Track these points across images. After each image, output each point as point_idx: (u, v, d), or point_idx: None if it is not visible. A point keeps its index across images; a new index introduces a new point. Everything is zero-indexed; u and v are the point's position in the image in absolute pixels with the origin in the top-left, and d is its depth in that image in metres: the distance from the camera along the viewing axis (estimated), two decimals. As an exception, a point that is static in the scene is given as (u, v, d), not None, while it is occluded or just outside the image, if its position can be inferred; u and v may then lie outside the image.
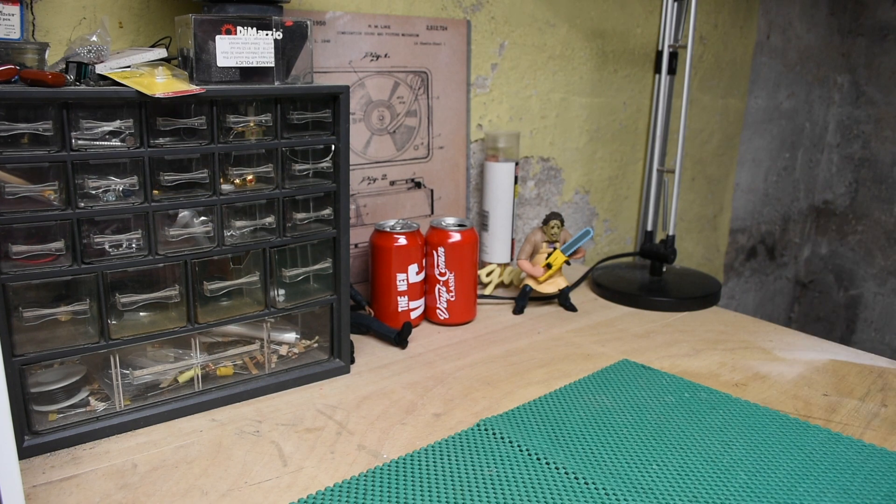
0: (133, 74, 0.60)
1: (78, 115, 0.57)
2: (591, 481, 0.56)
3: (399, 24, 0.96)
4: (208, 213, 0.65)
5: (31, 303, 0.59)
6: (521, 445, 0.61)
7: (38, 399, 0.61)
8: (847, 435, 0.64)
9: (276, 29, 0.66)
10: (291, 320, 0.75)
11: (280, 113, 0.67)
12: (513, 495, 0.54)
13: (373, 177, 0.98)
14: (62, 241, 0.58)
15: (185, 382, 0.67)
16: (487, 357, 0.81)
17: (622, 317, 0.96)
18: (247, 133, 0.66)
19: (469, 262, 0.90)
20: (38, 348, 0.59)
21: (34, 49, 0.62)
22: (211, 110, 0.63)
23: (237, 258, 0.69)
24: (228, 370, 0.70)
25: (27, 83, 0.56)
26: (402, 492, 0.54)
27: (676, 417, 0.66)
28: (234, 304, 0.70)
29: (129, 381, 0.64)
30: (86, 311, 0.60)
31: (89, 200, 0.59)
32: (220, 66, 0.64)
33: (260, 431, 0.64)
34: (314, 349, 0.76)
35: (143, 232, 0.62)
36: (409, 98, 0.99)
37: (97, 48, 0.62)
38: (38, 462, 0.58)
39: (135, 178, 0.61)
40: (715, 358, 0.82)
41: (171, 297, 0.65)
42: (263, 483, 0.56)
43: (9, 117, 0.54)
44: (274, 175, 0.68)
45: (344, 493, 0.54)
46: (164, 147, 0.61)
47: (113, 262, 0.61)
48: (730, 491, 0.55)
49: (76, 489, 0.54)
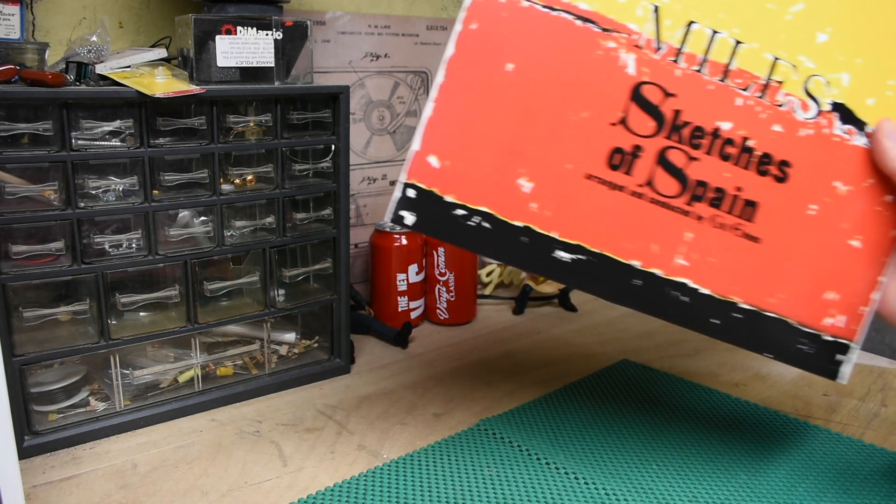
0: (133, 74, 0.60)
1: (78, 115, 0.57)
2: (591, 481, 0.56)
3: (399, 24, 0.96)
4: (208, 213, 0.65)
5: (31, 303, 0.59)
6: (521, 445, 0.61)
7: (38, 399, 0.61)
8: (847, 435, 0.64)
9: (276, 29, 0.66)
10: (291, 320, 0.75)
11: (280, 113, 0.67)
12: (513, 495, 0.54)
13: (373, 177, 0.98)
14: (62, 241, 0.58)
15: (185, 382, 0.67)
16: (487, 357, 0.81)
17: (622, 317, 0.96)
18: (247, 133, 0.66)
19: (469, 262, 0.90)
20: (38, 348, 0.59)
21: (34, 49, 0.62)
22: (211, 110, 0.63)
23: (237, 258, 0.69)
24: (228, 370, 0.70)
25: (27, 83, 0.56)
26: (402, 492, 0.54)
27: (676, 417, 0.66)
28: (234, 304, 0.70)
29: (129, 381, 0.64)
30: (86, 311, 0.60)
31: (89, 200, 0.59)
32: (220, 66, 0.64)
33: (260, 431, 0.64)
34: (314, 349, 0.76)
35: (143, 232, 0.62)
36: (409, 98, 0.99)
37: (97, 48, 0.62)
38: (38, 462, 0.58)
39: (135, 178, 0.61)
40: (715, 358, 0.82)
41: (171, 297, 0.65)
42: (263, 483, 0.56)
43: (9, 117, 0.54)
44: (274, 175, 0.68)
45: (344, 493, 0.54)
46: (164, 147, 0.61)
47: (113, 262, 0.61)
48: (730, 491, 0.55)
49: (76, 489, 0.54)
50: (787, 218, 0.48)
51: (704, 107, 0.47)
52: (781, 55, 0.47)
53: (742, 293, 0.49)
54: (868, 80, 0.48)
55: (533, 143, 0.46)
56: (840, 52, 0.47)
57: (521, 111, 0.46)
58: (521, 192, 0.47)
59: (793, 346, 0.50)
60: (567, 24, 0.46)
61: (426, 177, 0.46)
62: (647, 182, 0.48)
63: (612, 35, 0.46)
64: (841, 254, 0.49)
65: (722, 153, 0.48)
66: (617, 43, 0.46)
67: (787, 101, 0.48)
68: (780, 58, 0.47)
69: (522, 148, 0.46)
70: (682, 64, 0.47)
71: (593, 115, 0.47)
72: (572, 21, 0.46)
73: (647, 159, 0.47)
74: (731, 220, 0.48)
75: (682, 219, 0.48)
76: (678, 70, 0.47)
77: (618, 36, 0.46)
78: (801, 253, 0.49)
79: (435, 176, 0.46)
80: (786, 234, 0.49)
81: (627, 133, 0.47)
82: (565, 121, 0.46)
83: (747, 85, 0.47)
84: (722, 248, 0.49)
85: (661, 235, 0.48)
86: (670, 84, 0.47)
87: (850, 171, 0.48)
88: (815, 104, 0.48)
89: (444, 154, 0.46)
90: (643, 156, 0.47)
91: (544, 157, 0.47)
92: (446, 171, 0.46)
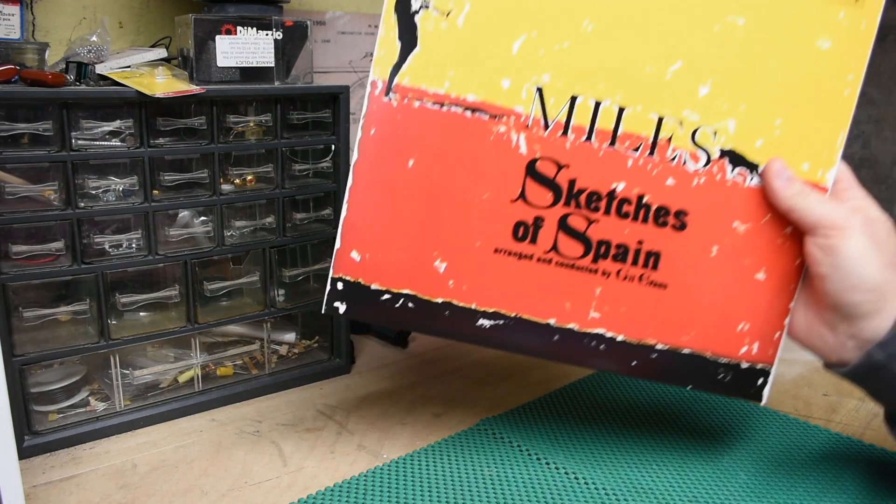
0: (133, 74, 0.60)
1: (78, 115, 0.57)
2: (591, 481, 0.56)
3: (399, 24, 0.96)
4: (208, 213, 0.65)
5: (31, 303, 0.59)
6: (521, 445, 0.61)
7: (38, 399, 0.61)
8: (847, 435, 0.64)
9: (276, 29, 0.66)
10: (291, 320, 0.75)
11: (280, 113, 0.67)
12: (513, 495, 0.54)
13: (373, 177, 0.98)
14: (62, 241, 0.58)
15: (185, 382, 0.67)
16: (488, 357, 0.81)
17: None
18: (247, 133, 0.66)
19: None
20: (38, 348, 0.59)
21: (34, 49, 0.62)
22: (211, 110, 0.63)
23: (237, 258, 0.69)
24: (228, 370, 0.70)
25: (27, 83, 0.56)
26: (402, 492, 0.54)
27: (676, 418, 0.66)
28: (234, 304, 0.70)
29: (129, 381, 0.64)
30: (86, 311, 0.60)
31: (89, 200, 0.59)
32: (220, 66, 0.64)
33: (260, 431, 0.64)
34: (314, 349, 0.76)
35: (143, 232, 0.62)
36: (409, 98, 0.99)
37: (97, 48, 0.62)
38: (38, 462, 0.58)
39: (135, 178, 0.61)
40: (715, 358, 0.81)
41: (171, 297, 0.65)
42: (263, 483, 0.56)
43: (9, 117, 0.54)
44: (274, 175, 0.68)
45: (344, 493, 0.54)
46: (164, 147, 0.61)
47: (113, 262, 0.61)
48: (730, 491, 0.55)
49: (76, 489, 0.54)
50: (690, 262, 0.51)
51: (597, 172, 0.50)
52: (666, 113, 0.49)
53: (656, 335, 0.52)
54: (754, 123, 0.49)
55: (442, 228, 0.49)
56: (723, 102, 0.49)
57: (427, 200, 0.49)
58: (438, 273, 0.50)
59: (714, 377, 0.53)
60: (458, 117, 0.48)
61: (350, 270, 0.50)
62: (553, 248, 0.50)
63: (502, 120, 0.49)
64: (748, 288, 0.51)
65: (619, 212, 0.50)
66: (507, 126, 0.49)
67: (677, 155, 0.50)
68: (664, 116, 0.49)
69: (433, 233, 0.49)
70: (570, 136, 0.49)
71: (493, 195, 0.49)
72: (462, 113, 0.49)
73: (550, 228, 0.50)
74: (637, 271, 0.51)
75: (589, 276, 0.51)
76: (568, 143, 0.49)
77: (507, 120, 0.49)
78: (709, 292, 0.51)
79: (358, 268, 0.50)
80: (691, 277, 0.51)
81: (528, 207, 0.50)
82: (469, 203, 0.49)
83: (636, 146, 0.49)
84: (631, 298, 0.51)
85: (572, 293, 0.51)
86: (562, 156, 0.49)
87: (747, 211, 0.50)
88: (704, 154, 0.50)
89: (363, 248, 0.49)
90: (545, 225, 0.50)
91: (454, 238, 0.50)
92: (367, 263, 0.49)
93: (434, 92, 0.48)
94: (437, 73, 0.48)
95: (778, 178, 0.49)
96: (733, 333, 0.52)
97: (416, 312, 0.51)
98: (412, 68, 0.48)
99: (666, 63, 0.48)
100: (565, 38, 0.48)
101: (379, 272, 0.50)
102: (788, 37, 0.48)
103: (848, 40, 0.48)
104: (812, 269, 0.49)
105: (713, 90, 0.49)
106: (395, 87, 0.48)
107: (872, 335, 0.47)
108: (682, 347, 0.52)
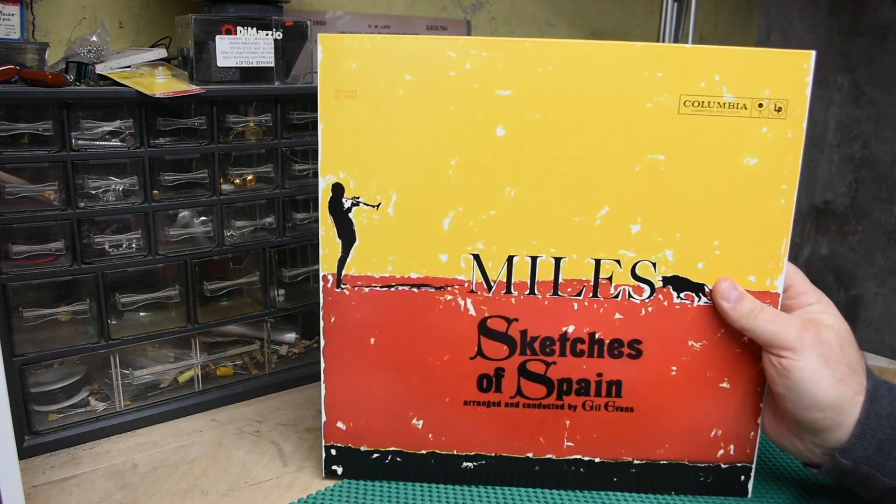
0: (133, 74, 0.60)
1: (78, 115, 0.57)
2: (591, 481, 0.56)
3: (399, 24, 0.96)
4: (208, 213, 0.65)
5: (31, 303, 0.59)
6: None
7: (38, 399, 0.61)
8: None
9: (276, 29, 0.66)
10: (291, 320, 0.75)
11: (280, 113, 0.67)
12: (513, 495, 0.54)
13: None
14: (62, 241, 0.58)
15: (185, 382, 0.67)
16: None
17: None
18: (247, 133, 0.66)
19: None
20: (38, 348, 0.59)
21: (34, 49, 0.62)
22: (211, 110, 0.63)
23: (237, 258, 0.69)
24: (228, 370, 0.70)
25: (27, 83, 0.56)
26: (403, 491, 0.54)
27: None
28: (234, 304, 0.70)
29: (129, 381, 0.64)
30: (86, 311, 0.60)
31: (89, 200, 0.59)
32: (220, 66, 0.64)
33: (260, 431, 0.64)
34: (314, 349, 0.76)
35: (143, 232, 0.62)
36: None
37: (97, 48, 0.62)
38: (38, 462, 0.58)
39: (135, 178, 0.61)
40: (715, 358, 0.81)
41: (171, 297, 0.65)
42: (263, 483, 0.56)
43: (9, 117, 0.54)
44: (274, 175, 0.68)
45: (344, 493, 0.54)
46: (164, 147, 0.61)
47: (113, 262, 0.61)
48: (730, 491, 0.55)
49: (76, 489, 0.54)
50: (652, 385, 0.52)
51: (546, 320, 0.52)
52: (602, 256, 0.51)
53: (631, 453, 0.54)
54: (692, 248, 0.50)
55: (412, 391, 0.53)
56: (657, 235, 0.50)
57: (394, 370, 0.53)
58: (417, 429, 0.54)
59: (696, 481, 0.55)
60: (406, 294, 0.52)
61: (339, 438, 0.55)
62: (517, 392, 0.53)
63: (447, 290, 0.52)
64: (715, 397, 0.53)
65: (574, 352, 0.52)
66: (453, 294, 0.52)
67: (620, 291, 0.51)
68: (601, 258, 0.51)
69: (405, 397, 0.53)
70: (514, 293, 0.52)
71: (453, 356, 0.53)
72: (410, 290, 0.52)
73: (511, 376, 0.53)
74: (601, 400, 0.53)
75: (557, 412, 0.53)
76: (513, 299, 0.52)
77: (452, 289, 0.52)
78: (675, 408, 0.53)
79: (346, 435, 0.55)
80: (655, 398, 0.53)
81: (487, 361, 0.53)
82: (432, 367, 0.53)
83: (578, 291, 0.51)
84: (600, 424, 0.54)
85: (544, 429, 0.54)
86: (510, 311, 0.52)
87: (700, 330, 0.51)
88: (647, 285, 0.51)
89: (346, 419, 0.54)
90: (507, 374, 0.53)
91: (424, 399, 0.53)
92: (353, 430, 0.54)
93: (380, 276, 0.52)
94: (380, 260, 0.51)
95: (726, 301, 0.49)
96: (707, 440, 0.53)
97: (405, 465, 0.55)
98: (356, 260, 0.51)
99: (593, 210, 0.50)
100: (491, 207, 0.50)
101: (365, 436, 0.54)
102: (713, 162, 0.48)
103: (776, 152, 0.48)
104: (770, 386, 0.50)
105: (644, 227, 0.50)
106: (344, 278, 0.52)
107: (836, 444, 0.48)
108: (660, 459, 0.54)
